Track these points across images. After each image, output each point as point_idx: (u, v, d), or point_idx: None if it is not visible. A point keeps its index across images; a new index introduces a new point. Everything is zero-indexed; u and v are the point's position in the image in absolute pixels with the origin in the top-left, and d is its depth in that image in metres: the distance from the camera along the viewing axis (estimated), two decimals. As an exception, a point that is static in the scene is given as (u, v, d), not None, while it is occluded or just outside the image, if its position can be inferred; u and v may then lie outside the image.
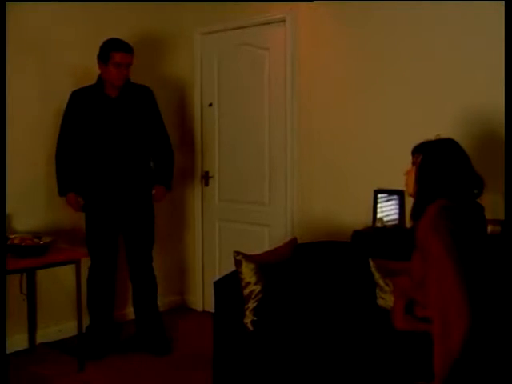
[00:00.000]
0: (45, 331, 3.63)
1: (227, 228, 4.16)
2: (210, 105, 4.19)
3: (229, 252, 2.88)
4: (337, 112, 3.48)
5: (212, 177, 4.22)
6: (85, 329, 3.39)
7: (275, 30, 3.77)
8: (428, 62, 3.08)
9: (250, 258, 2.66)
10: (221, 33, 4.08)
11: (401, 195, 3.08)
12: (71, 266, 3.20)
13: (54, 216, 3.61)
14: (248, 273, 2.62)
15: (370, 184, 3.25)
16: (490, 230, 2.50)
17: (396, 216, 3.14)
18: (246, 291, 2.61)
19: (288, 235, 3.63)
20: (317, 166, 3.59)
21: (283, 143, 3.76)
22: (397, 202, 3.13)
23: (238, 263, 2.65)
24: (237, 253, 2.68)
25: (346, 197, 3.44)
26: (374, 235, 3.10)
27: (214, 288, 2.73)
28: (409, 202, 2.46)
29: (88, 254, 3.41)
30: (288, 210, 3.76)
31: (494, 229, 2.59)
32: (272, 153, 3.86)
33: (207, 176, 4.23)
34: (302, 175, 3.67)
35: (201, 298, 4.33)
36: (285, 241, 3.14)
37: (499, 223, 2.61)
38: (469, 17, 2.92)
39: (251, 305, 2.59)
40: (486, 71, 2.86)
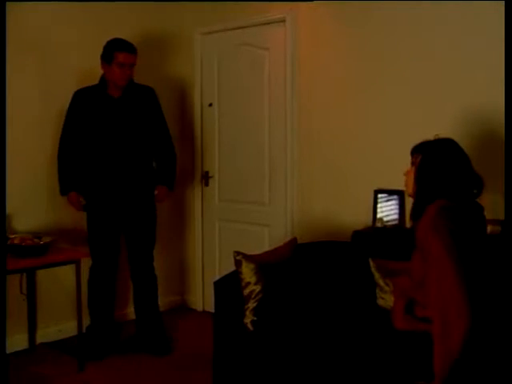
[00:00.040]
0: (45, 331, 3.63)
1: (227, 228, 4.16)
2: (210, 105, 4.19)
3: (229, 252, 2.88)
4: (337, 112, 3.48)
5: (212, 177, 4.22)
6: (85, 329, 3.39)
7: (275, 29, 3.77)
8: (428, 62, 3.08)
9: (250, 258, 2.66)
10: (221, 33, 4.08)
11: (401, 195, 3.08)
12: (71, 266, 3.20)
13: (56, 216, 3.61)
14: (248, 273, 2.62)
15: (369, 184, 3.25)
16: (490, 230, 2.50)
17: (396, 216, 3.14)
18: (246, 291, 2.61)
19: (288, 235, 3.63)
20: (317, 166, 3.59)
21: (283, 143, 3.76)
22: (397, 202, 3.13)
23: (237, 263, 2.65)
24: (237, 253, 2.68)
25: (345, 197, 3.44)
26: (374, 235, 3.10)
27: (214, 288, 2.73)
28: (409, 202, 2.46)
29: (89, 254, 3.41)
30: (288, 210, 3.76)
31: (494, 229, 2.59)
32: (272, 153, 3.86)
33: (207, 176, 4.23)
34: (302, 175, 3.67)
35: (201, 298, 4.33)
36: (285, 241, 3.14)
37: (499, 223, 2.61)
38: (469, 17, 2.92)
39: (251, 305, 2.59)
40: (486, 71, 2.86)
